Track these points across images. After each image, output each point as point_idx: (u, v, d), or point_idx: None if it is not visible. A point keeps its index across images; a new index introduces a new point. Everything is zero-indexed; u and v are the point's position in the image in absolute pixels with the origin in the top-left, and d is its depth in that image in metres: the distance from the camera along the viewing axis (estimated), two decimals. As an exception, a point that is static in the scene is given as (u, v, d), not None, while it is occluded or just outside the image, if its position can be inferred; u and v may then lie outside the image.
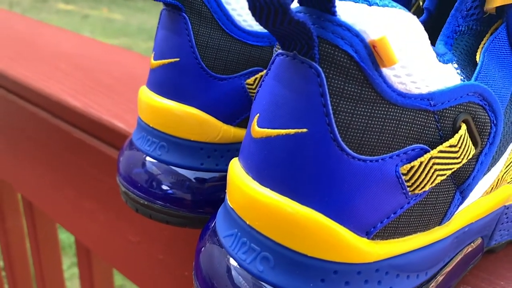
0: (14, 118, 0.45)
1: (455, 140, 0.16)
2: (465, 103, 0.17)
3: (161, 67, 0.23)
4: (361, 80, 0.15)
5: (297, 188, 0.16)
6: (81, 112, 0.38)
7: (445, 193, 0.18)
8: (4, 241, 0.62)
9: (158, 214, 0.24)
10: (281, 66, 0.16)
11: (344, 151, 0.15)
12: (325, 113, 0.15)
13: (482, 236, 0.23)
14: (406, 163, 0.16)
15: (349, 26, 0.14)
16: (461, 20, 0.20)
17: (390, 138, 0.16)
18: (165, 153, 0.24)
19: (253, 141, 0.17)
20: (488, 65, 0.19)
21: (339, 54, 0.15)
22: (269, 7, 0.13)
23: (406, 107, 0.15)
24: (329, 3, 0.14)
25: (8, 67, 0.45)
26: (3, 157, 0.51)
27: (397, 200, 0.16)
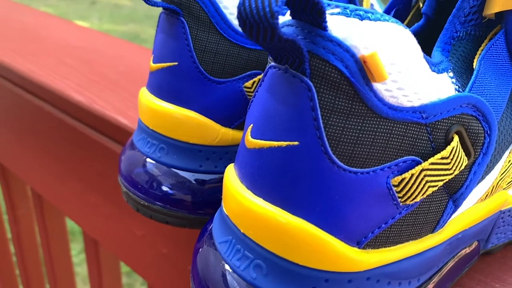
0: (22, 112, 0.46)
1: (447, 152, 0.16)
2: (458, 114, 0.17)
3: (160, 70, 0.23)
4: (352, 94, 0.15)
5: (289, 199, 0.16)
6: (85, 108, 0.38)
7: (437, 203, 0.18)
8: (15, 229, 0.63)
9: (158, 215, 0.24)
10: (274, 79, 0.16)
11: (335, 163, 0.15)
12: (316, 127, 0.15)
13: (478, 239, 0.23)
14: (397, 175, 0.16)
15: (339, 42, 0.14)
16: (459, 26, 0.20)
17: (381, 151, 0.16)
18: (165, 155, 0.24)
19: (246, 150, 0.17)
20: (484, 73, 0.19)
21: (329, 69, 0.15)
22: (258, 25, 0.13)
23: (398, 121, 0.15)
24: (320, 18, 0.14)
25: (14, 61, 0.46)
26: (13, 150, 0.52)
27: (388, 211, 0.16)
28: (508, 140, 0.20)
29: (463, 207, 0.19)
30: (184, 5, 0.22)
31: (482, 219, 0.21)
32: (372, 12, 0.15)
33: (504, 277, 0.24)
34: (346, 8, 0.15)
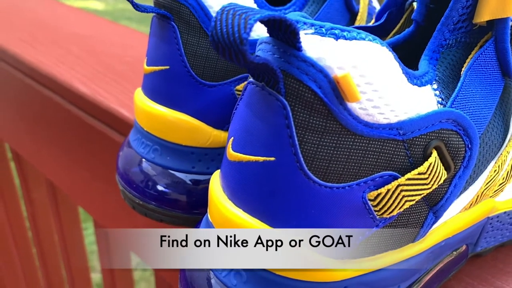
0: (32, 102, 0.47)
1: (424, 168, 0.16)
2: (437, 130, 0.17)
3: (153, 73, 0.24)
4: (326, 114, 0.15)
5: (266, 211, 0.17)
6: (90, 99, 0.39)
7: (417, 214, 0.18)
8: (31, 211, 0.66)
9: (153, 213, 0.25)
10: (252, 95, 0.16)
11: (311, 179, 0.16)
12: (291, 144, 0.15)
13: (466, 243, 0.23)
14: (373, 190, 0.16)
15: (313, 62, 0.15)
16: (448, 34, 0.19)
17: (357, 166, 0.16)
18: (158, 156, 0.24)
19: (228, 162, 0.17)
20: (469, 85, 0.18)
21: (303, 89, 0.15)
22: (229, 49, 0.13)
23: (373, 138, 0.16)
24: (294, 38, 0.14)
25: (23, 51, 0.46)
26: (25, 138, 0.53)
27: (365, 224, 0.17)
28: (493, 150, 0.20)
29: (446, 217, 0.19)
30: (174, 10, 0.22)
31: (466, 227, 0.21)
32: (349, 30, 0.15)
33: (492, 280, 0.24)
34: (321, 27, 0.15)
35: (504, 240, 0.25)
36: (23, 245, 0.73)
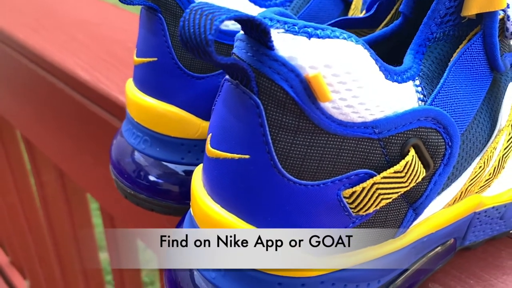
0: (38, 88, 0.48)
1: (401, 167, 0.16)
2: (415, 128, 0.16)
3: (142, 65, 0.24)
4: (298, 113, 0.15)
5: (243, 208, 0.17)
6: (91, 86, 0.39)
7: (396, 211, 0.18)
8: (42, 193, 0.67)
9: (144, 203, 0.26)
10: (227, 92, 0.16)
11: (285, 177, 0.16)
12: (265, 142, 0.15)
13: (454, 237, 0.23)
14: (348, 188, 0.16)
15: (284, 61, 0.14)
16: (434, 28, 0.19)
17: (331, 165, 0.16)
18: (149, 147, 0.25)
19: (207, 158, 0.18)
20: (453, 81, 0.18)
21: (275, 88, 0.15)
22: (197, 49, 0.13)
23: (347, 137, 0.16)
24: (265, 37, 0.14)
25: (28, 37, 0.47)
26: (33, 124, 0.54)
27: (340, 221, 0.17)
28: (478, 147, 0.19)
29: (428, 213, 0.19)
30: (161, 2, 0.22)
31: (450, 222, 0.21)
32: (323, 28, 0.15)
33: (480, 274, 0.24)
34: (294, 25, 0.15)
35: (494, 233, 0.24)
36: (35, 226, 0.75)
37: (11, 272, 0.93)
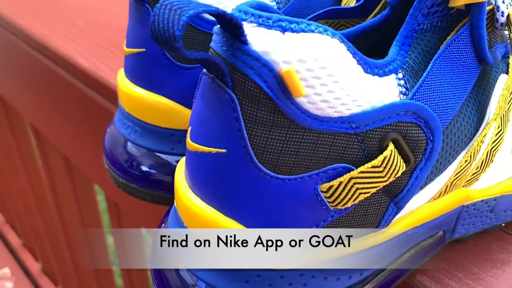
0: (40, 75, 0.48)
1: (379, 162, 0.16)
2: (394, 123, 0.16)
3: (131, 55, 0.24)
4: (272, 108, 0.15)
5: (222, 202, 0.17)
6: (90, 74, 0.39)
7: (377, 205, 0.18)
8: (50, 178, 0.69)
9: (136, 193, 0.26)
10: (205, 86, 0.16)
11: (262, 171, 0.16)
12: (241, 137, 0.15)
13: (443, 230, 0.23)
14: (326, 182, 0.16)
15: (258, 56, 0.14)
16: (421, 19, 0.19)
17: (308, 159, 0.16)
18: (139, 138, 0.25)
19: (188, 151, 0.18)
20: (437, 74, 0.18)
21: (249, 83, 0.15)
22: (167, 46, 0.13)
23: (323, 131, 0.15)
24: (238, 31, 0.14)
25: (30, 24, 0.47)
26: (35, 111, 0.55)
27: (319, 215, 0.17)
28: (463, 141, 0.19)
29: (412, 206, 0.19)
30: (148, -8, 0.22)
31: (435, 216, 0.21)
32: (298, 22, 0.15)
33: (470, 267, 0.24)
34: (268, 19, 0.15)
35: (485, 227, 0.24)
36: (45, 209, 0.77)
37: (24, 254, 0.95)
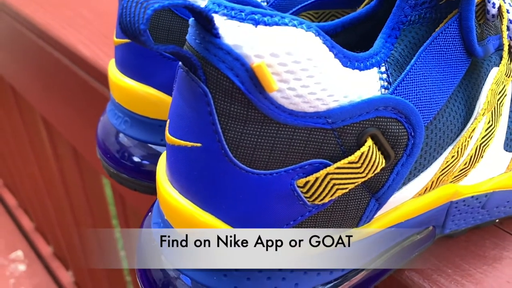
0: (45, 64, 0.49)
1: (356, 157, 0.16)
2: (372, 118, 0.16)
3: (120, 46, 0.24)
4: (246, 102, 0.15)
5: (198, 195, 0.17)
6: (91, 63, 0.39)
7: (357, 200, 0.17)
8: (59, 165, 0.70)
9: (127, 183, 0.26)
10: (180, 80, 0.16)
11: (237, 165, 0.16)
12: (215, 131, 0.15)
13: (433, 225, 0.22)
14: (303, 177, 0.16)
15: (229, 50, 0.14)
16: (408, 10, 0.18)
17: (283, 154, 0.16)
18: (129, 128, 0.25)
19: (167, 144, 0.18)
20: (421, 67, 0.17)
21: (221, 77, 0.14)
22: (135, 39, 0.13)
23: (298, 126, 0.15)
24: (209, 25, 0.14)
25: (35, 13, 0.47)
26: (43, 100, 0.55)
27: (296, 210, 0.17)
28: (449, 136, 0.19)
29: (395, 202, 0.19)
30: (135, -18, 0.22)
31: (422, 211, 0.20)
32: (271, 15, 0.14)
33: (459, 263, 0.24)
34: (241, 11, 0.14)
35: (478, 223, 0.24)
36: (55, 196, 0.78)
37: (36, 238, 0.97)
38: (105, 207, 0.69)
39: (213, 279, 0.18)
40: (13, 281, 0.90)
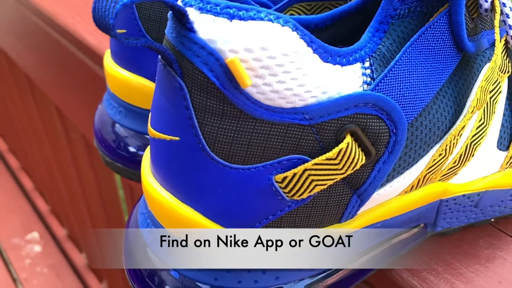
0: (53, 51, 0.49)
1: (333, 154, 0.16)
2: (351, 114, 0.16)
3: (115, 36, 0.24)
4: (221, 97, 0.15)
5: (178, 188, 0.17)
6: (96, 51, 0.40)
7: (338, 196, 0.17)
8: (69, 149, 0.71)
9: (123, 171, 0.26)
10: (159, 73, 0.16)
11: (214, 160, 0.16)
12: (192, 125, 0.15)
13: (424, 222, 0.22)
14: (281, 173, 0.16)
15: (204, 44, 0.14)
16: (397, 4, 0.18)
17: (260, 150, 0.16)
18: (123, 118, 0.25)
19: (149, 137, 0.18)
20: (407, 63, 0.17)
21: (196, 71, 0.14)
22: (107, 33, 0.13)
23: (275, 122, 0.15)
24: (183, 18, 0.14)
25: (44, 1, 0.48)
26: (53, 86, 0.56)
27: (275, 205, 0.17)
28: (436, 134, 0.18)
29: (380, 199, 0.19)
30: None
31: (409, 209, 0.20)
32: (247, 9, 0.14)
33: (451, 261, 0.23)
34: (216, 5, 0.14)
35: (471, 221, 0.23)
36: (68, 181, 0.80)
37: (51, 220, 1.00)
38: (114, 191, 0.70)
39: (194, 270, 0.18)
40: (29, 261, 0.93)
